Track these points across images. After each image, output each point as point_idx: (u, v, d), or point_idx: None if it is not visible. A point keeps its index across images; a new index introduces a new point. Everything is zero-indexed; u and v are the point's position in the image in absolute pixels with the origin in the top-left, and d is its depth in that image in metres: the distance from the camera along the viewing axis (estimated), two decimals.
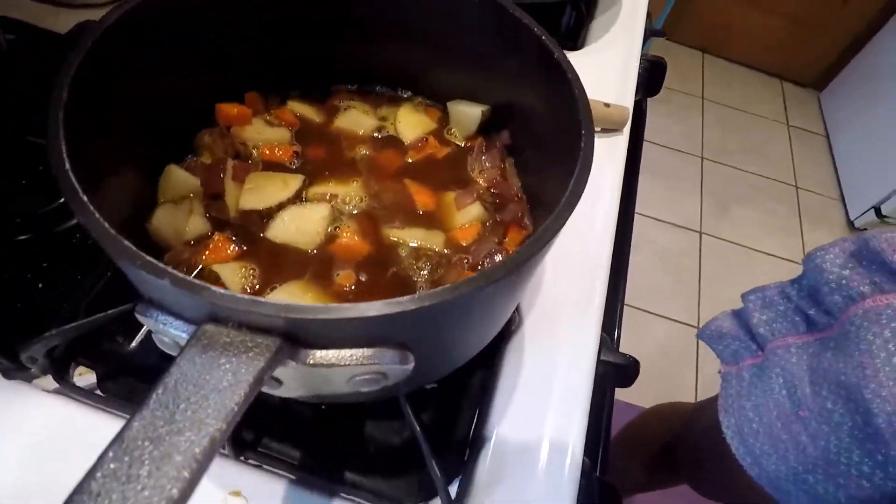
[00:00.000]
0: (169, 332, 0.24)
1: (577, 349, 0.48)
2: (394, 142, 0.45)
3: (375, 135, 0.45)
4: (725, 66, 2.62)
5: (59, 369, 0.40)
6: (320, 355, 0.24)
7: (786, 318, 0.49)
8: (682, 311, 1.81)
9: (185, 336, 0.24)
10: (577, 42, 0.73)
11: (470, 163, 0.44)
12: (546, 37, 0.36)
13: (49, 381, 0.41)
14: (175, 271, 0.21)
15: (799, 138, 2.41)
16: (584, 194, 0.29)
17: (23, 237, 0.47)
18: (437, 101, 0.48)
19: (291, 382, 0.26)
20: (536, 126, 0.40)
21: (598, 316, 0.50)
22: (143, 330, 0.44)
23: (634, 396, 1.43)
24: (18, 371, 0.39)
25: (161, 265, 0.21)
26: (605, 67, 0.72)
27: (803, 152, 2.35)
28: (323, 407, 0.43)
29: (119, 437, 0.17)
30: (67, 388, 0.40)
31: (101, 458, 0.17)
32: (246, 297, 0.21)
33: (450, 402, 0.44)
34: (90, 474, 0.16)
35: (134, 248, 0.22)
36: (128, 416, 0.39)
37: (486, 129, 0.46)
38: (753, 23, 2.39)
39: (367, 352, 0.25)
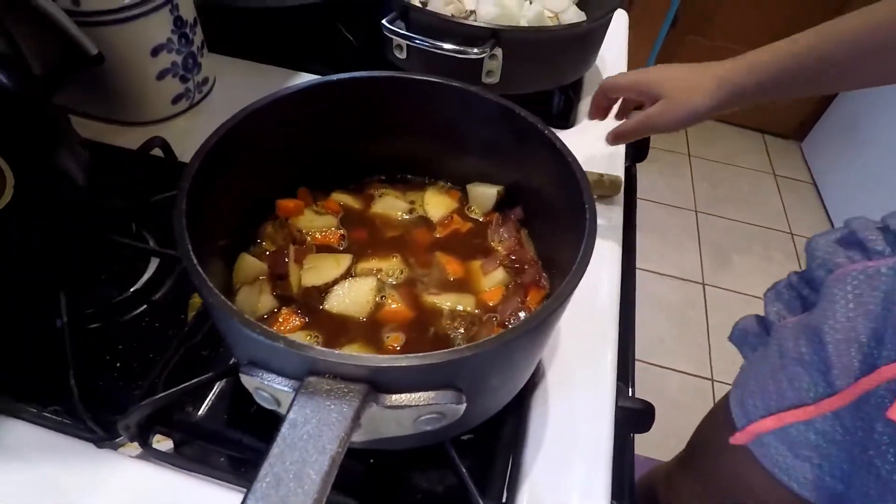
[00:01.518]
0: (272, 387, 0.30)
1: (596, 396, 0.53)
2: (424, 221, 0.53)
3: (407, 216, 0.53)
4: (707, 124, 2.76)
5: (143, 437, 0.45)
6: (395, 398, 0.30)
7: (789, 305, 0.60)
8: (692, 363, 1.83)
9: (286, 390, 0.30)
10: (567, 122, 0.82)
11: (490, 235, 0.51)
12: (548, 130, 0.44)
13: (132, 449, 0.46)
14: (286, 336, 0.28)
15: (787, 187, 2.51)
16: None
17: (98, 324, 0.54)
18: (456, 183, 0.56)
19: (369, 426, 0.31)
20: (545, 202, 0.48)
21: (613, 363, 0.56)
22: (208, 399, 0.50)
23: (654, 451, 1.44)
24: (108, 440, 0.45)
25: (275, 332, 0.28)
26: (596, 142, 0.81)
27: (793, 200, 2.45)
28: (371, 461, 0.48)
29: (266, 461, 0.23)
30: (151, 453, 0.45)
31: (258, 474, 0.23)
32: (341, 352, 0.28)
33: (486, 451, 0.49)
34: (255, 482, 0.22)
35: (253, 320, 0.28)
36: (203, 476, 0.45)
37: (501, 205, 0.53)
38: None
39: (430, 394, 0.31)
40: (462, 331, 0.44)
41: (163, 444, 0.47)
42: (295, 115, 0.46)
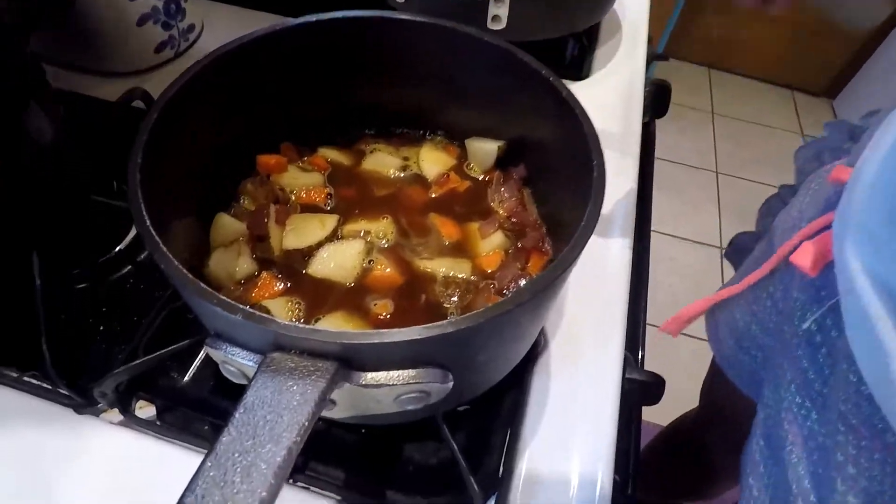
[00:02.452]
0: (237, 361, 0.27)
1: (601, 368, 0.50)
2: (418, 179, 0.49)
3: (400, 173, 0.49)
4: (733, 79, 2.64)
5: (124, 403, 0.43)
6: (371, 377, 0.27)
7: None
8: (705, 329, 1.80)
9: (251, 364, 0.27)
10: (581, 72, 0.76)
11: (490, 194, 0.47)
12: (554, 78, 0.39)
13: (114, 415, 0.44)
14: (245, 307, 0.25)
15: None
16: (598, 220, 0.32)
17: (83, 285, 0.51)
18: (454, 138, 0.52)
19: (344, 403, 0.29)
20: (550, 159, 0.44)
21: (621, 334, 0.52)
22: (193, 365, 0.48)
23: (663, 418, 1.42)
24: (88, 406, 0.43)
25: (234, 302, 0.25)
26: (611, 94, 0.75)
27: None
28: (363, 431, 0.45)
29: (213, 450, 0.20)
30: (131, 419, 0.43)
31: (201, 467, 0.20)
32: (306, 326, 0.24)
33: (483, 424, 0.46)
34: (194, 480, 0.19)
35: (209, 288, 0.25)
36: (185, 444, 0.43)
37: (503, 162, 0.49)
38: (758, 35, 2.41)
39: (411, 372, 0.27)
40: (456, 299, 0.41)
41: (146, 410, 0.45)
42: (273, 61, 0.41)
